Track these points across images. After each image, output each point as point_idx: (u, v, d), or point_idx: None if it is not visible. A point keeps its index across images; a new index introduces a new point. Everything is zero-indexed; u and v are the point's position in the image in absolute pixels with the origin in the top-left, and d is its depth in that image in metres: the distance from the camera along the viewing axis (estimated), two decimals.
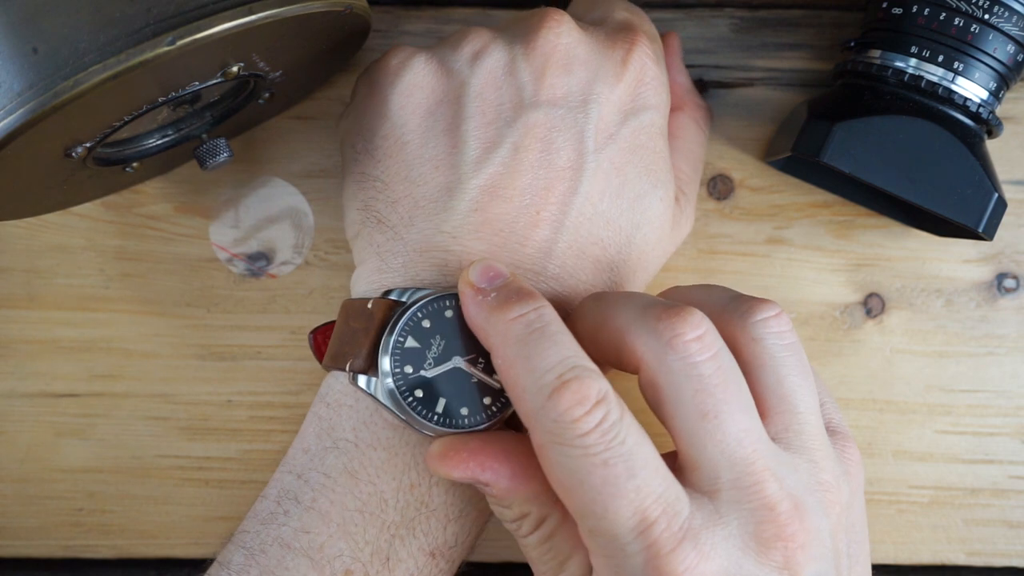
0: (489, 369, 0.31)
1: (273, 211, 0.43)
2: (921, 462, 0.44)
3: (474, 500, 0.34)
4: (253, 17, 0.29)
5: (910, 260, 0.43)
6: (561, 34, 0.35)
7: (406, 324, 0.31)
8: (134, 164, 0.38)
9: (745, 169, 0.43)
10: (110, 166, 0.37)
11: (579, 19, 0.38)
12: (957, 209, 0.36)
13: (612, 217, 0.35)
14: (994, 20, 0.36)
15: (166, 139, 0.38)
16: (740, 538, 0.28)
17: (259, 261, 0.43)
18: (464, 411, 0.31)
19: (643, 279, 0.38)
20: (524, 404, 0.29)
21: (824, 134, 0.36)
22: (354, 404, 0.34)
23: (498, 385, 0.31)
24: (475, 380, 0.31)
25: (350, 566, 0.32)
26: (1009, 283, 0.43)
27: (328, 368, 0.34)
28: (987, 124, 0.37)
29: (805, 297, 0.43)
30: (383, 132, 0.35)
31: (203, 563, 0.34)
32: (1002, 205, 0.37)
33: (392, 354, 0.31)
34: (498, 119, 0.34)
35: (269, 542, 0.32)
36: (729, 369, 0.30)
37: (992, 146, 0.39)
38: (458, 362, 0.31)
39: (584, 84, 0.35)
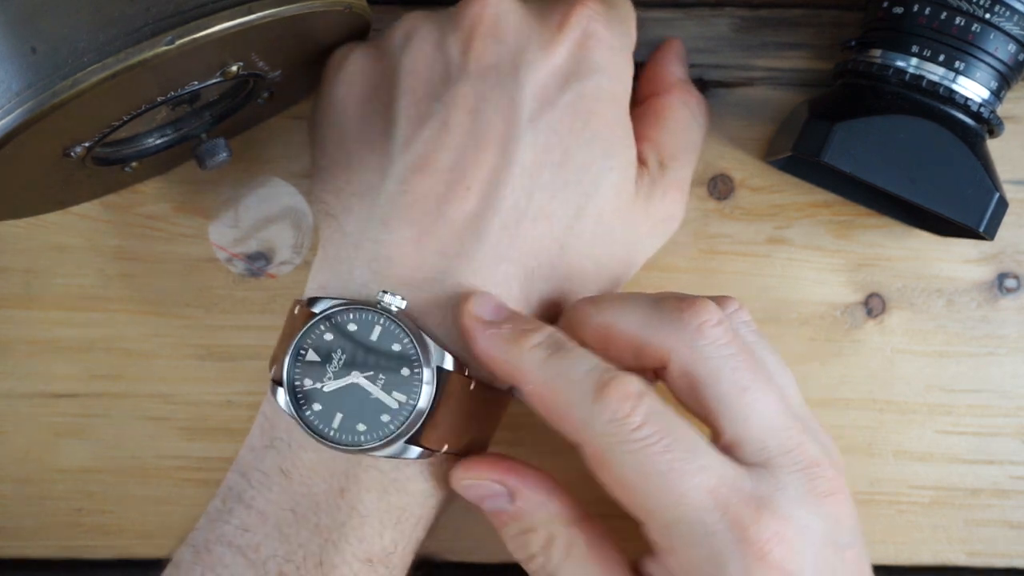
0: (388, 386, 0.31)
1: (272, 211, 0.43)
2: (921, 462, 0.44)
3: (410, 507, 0.33)
4: (252, 17, 0.29)
5: (911, 260, 0.43)
6: (488, 3, 0.34)
7: (308, 336, 0.31)
8: (133, 164, 0.38)
9: (745, 169, 0.43)
10: (109, 166, 0.37)
11: None
12: (958, 209, 0.36)
13: (555, 189, 0.34)
14: (995, 19, 0.36)
15: (165, 139, 0.38)
16: (801, 497, 0.30)
17: (258, 261, 0.43)
18: (361, 427, 0.31)
19: (613, 266, 0.36)
20: (572, 418, 0.30)
21: (824, 134, 0.36)
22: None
23: (396, 404, 0.31)
24: (373, 397, 0.31)
25: (283, 568, 0.31)
26: (1010, 283, 0.43)
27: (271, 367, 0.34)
28: (988, 124, 0.37)
29: (805, 297, 0.43)
30: (327, 121, 0.35)
31: None
32: (1003, 205, 0.37)
33: (292, 366, 0.31)
34: (428, 95, 0.33)
35: (213, 540, 0.32)
36: (745, 345, 0.32)
37: (993, 146, 0.38)
38: (357, 377, 0.31)
39: (515, 50, 0.34)
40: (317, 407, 0.31)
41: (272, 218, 0.43)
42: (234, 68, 0.33)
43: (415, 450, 0.31)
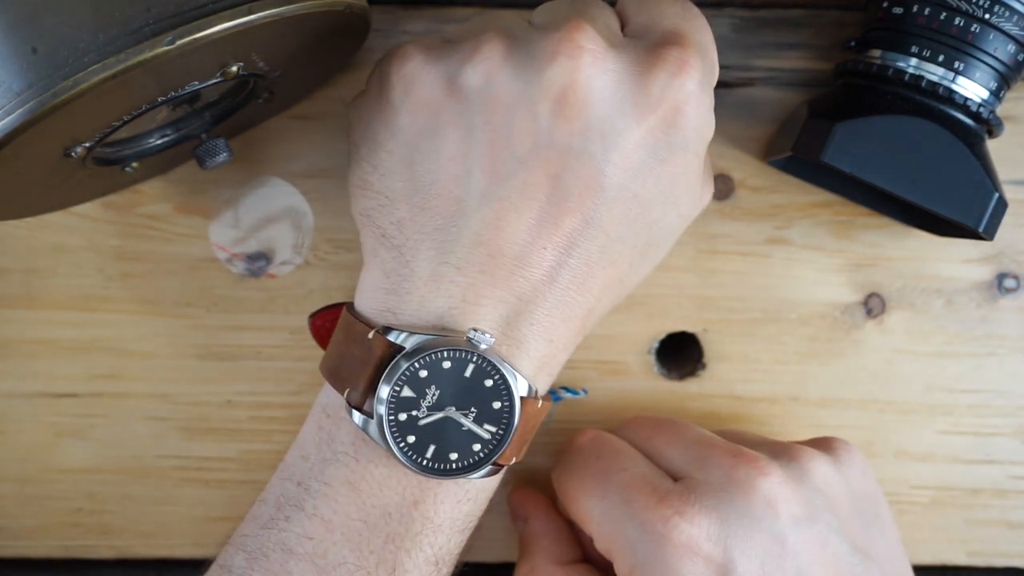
0: (479, 420, 0.32)
1: (273, 211, 0.43)
2: (922, 462, 0.44)
3: (476, 512, 0.34)
4: (252, 17, 0.29)
5: (910, 260, 0.43)
6: (581, 65, 0.32)
7: (403, 374, 0.31)
8: (133, 164, 0.38)
9: (745, 169, 0.43)
10: (109, 166, 0.37)
11: (626, 20, 0.35)
12: (957, 209, 0.36)
13: (627, 239, 0.34)
14: (994, 20, 0.36)
15: (165, 139, 0.38)
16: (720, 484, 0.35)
17: (259, 261, 0.43)
18: (453, 456, 0.32)
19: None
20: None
21: (824, 134, 0.36)
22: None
23: (488, 435, 0.32)
24: (466, 428, 0.32)
25: (354, 573, 0.32)
26: (1009, 283, 0.43)
27: (328, 381, 0.34)
28: (988, 124, 0.37)
29: (805, 297, 0.43)
30: (388, 147, 0.34)
31: (203, 563, 0.34)
32: (1003, 205, 0.37)
33: (388, 402, 0.31)
34: (507, 151, 0.33)
35: (271, 546, 0.32)
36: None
37: (993, 146, 0.38)
38: (451, 412, 0.32)
39: (606, 119, 0.32)
40: (411, 439, 0.32)
41: (272, 218, 0.43)
42: (234, 68, 0.33)
43: (492, 468, 0.33)
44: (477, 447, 0.32)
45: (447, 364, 0.32)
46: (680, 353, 0.44)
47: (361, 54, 0.42)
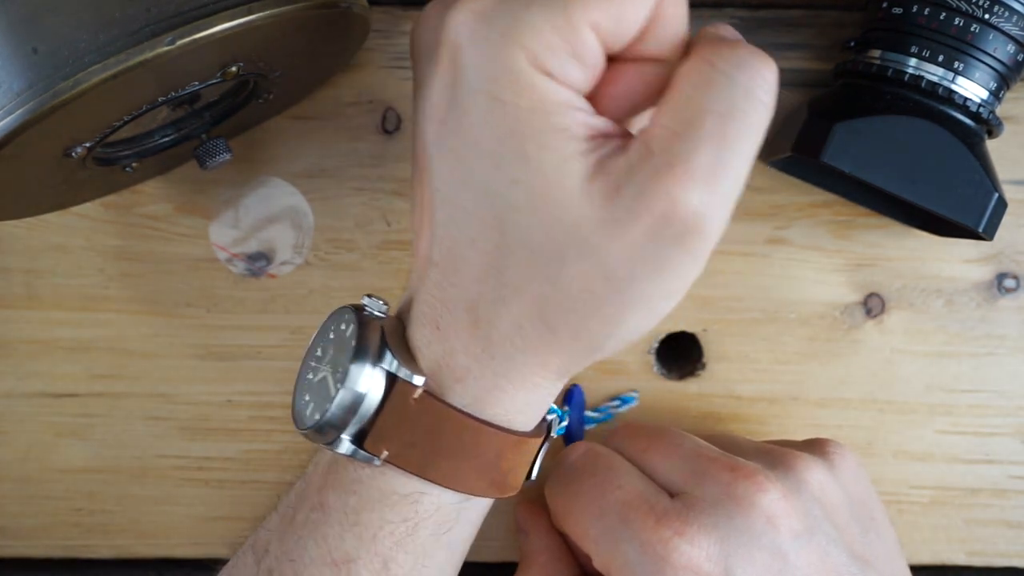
0: (340, 381, 0.32)
1: (273, 211, 0.43)
2: (921, 462, 0.44)
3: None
4: (252, 17, 0.29)
5: (910, 260, 0.43)
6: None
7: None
8: (134, 164, 0.38)
9: None
10: (110, 166, 0.37)
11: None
12: (957, 209, 0.36)
13: None
14: (994, 20, 0.36)
15: (166, 139, 0.38)
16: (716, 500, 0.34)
17: (259, 261, 0.43)
18: (308, 411, 0.33)
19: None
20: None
21: (824, 134, 0.36)
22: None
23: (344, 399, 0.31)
24: (328, 385, 0.32)
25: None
26: (1009, 283, 0.43)
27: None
28: (987, 124, 0.37)
29: (805, 297, 0.43)
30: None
31: (203, 563, 0.34)
32: (1002, 205, 0.37)
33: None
34: None
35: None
36: None
37: (992, 146, 0.38)
38: (324, 368, 0.33)
39: None
40: (307, 398, 0.32)
41: (272, 218, 0.43)
42: (234, 68, 0.33)
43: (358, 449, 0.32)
44: (330, 406, 0.31)
45: (336, 326, 0.32)
46: (680, 353, 0.44)
47: (361, 54, 0.42)
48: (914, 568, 0.38)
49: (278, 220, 0.43)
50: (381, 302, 0.32)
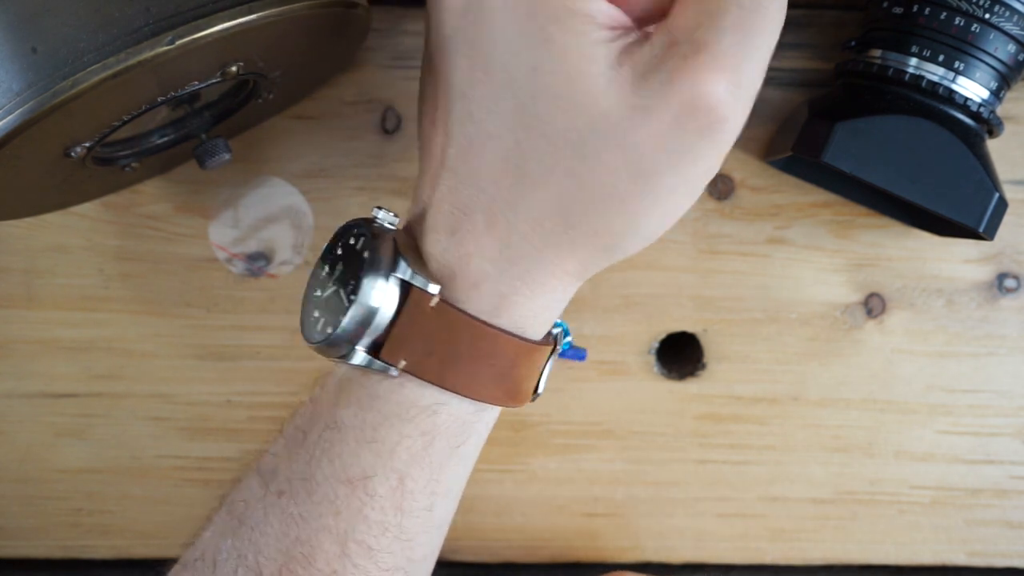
0: (352, 293, 0.31)
1: (272, 211, 0.43)
2: (922, 462, 0.44)
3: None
4: (252, 17, 0.29)
5: (910, 260, 0.43)
6: None
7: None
8: (133, 164, 0.38)
9: (745, 169, 0.43)
10: (109, 166, 0.37)
11: None
12: (958, 209, 0.36)
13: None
14: (995, 20, 0.36)
15: (165, 139, 0.38)
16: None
17: (259, 261, 0.43)
18: (319, 326, 0.32)
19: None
20: None
21: (825, 134, 0.36)
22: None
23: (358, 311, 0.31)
24: (340, 297, 0.32)
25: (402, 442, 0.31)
26: (1010, 283, 0.43)
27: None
28: (988, 124, 0.37)
29: (805, 297, 0.43)
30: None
31: None
32: (1003, 205, 0.37)
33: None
34: None
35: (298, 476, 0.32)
36: None
37: (993, 146, 0.38)
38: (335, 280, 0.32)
39: None
40: (316, 313, 0.32)
41: (272, 218, 0.43)
42: (234, 68, 0.33)
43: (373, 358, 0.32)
44: (344, 318, 0.31)
45: (345, 241, 0.32)
46: (680, 353, 0.44)
47: (361, 53, 0.42)
48: (914, 568, 0.38)
49: (278, 220, 0.43)
50: (392, 214, 0.32)
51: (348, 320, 0.30)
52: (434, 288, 0.30)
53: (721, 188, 0.43)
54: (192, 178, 0.43)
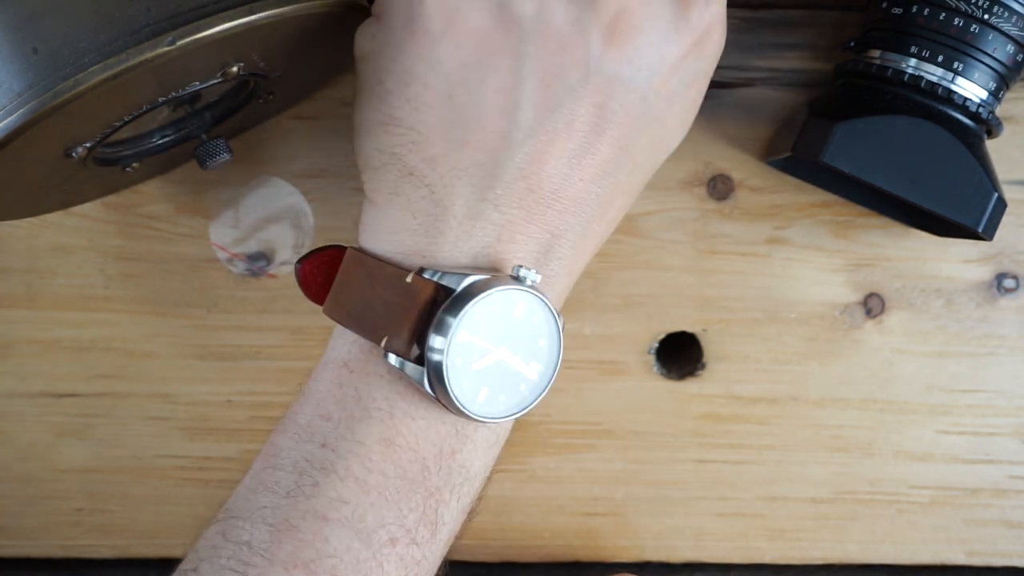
0: (528, 358, 0.31)
1: (273, 211, 0.43)
2: (921, 462, 0.44)
3: (498, 455, 0.34)
4: (253, 17, 0.29)
5: (910, 260, 0.43)
6: None
7: (464, 318, 0.30)
8: (134, 164, 0.38)
9: (745, 169, 0.43)
10: (110, 166, 0.37)
11: None
12: (957, 209, 0.36)
13: (645, 169, 0.35)
14: (994, 20, 0.36)
15: (166, 139, 0.38)
16: None
17: (259, 261, 0.43)
18: (502, 399, 0.31)
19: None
20: None
21: (824, 134, 0.36)
22: (385, 374, 0.32)
23: (535, 375, 0.32)
24: (514, 370, 0.31)
25: (395, 534, 0.31)
26: (1009, 283, 0.43)
27: (351, 329, 0.32)
28: (987, 124, 0.37)
29: (805, 297, 0.43)
30: (425, 80, 0.32)
31: None
32: (1002, 205, 0.37)
33: (449, 352, 0.30)
34: (558, 83, 0.32)
35: (299, 515, 0.31)
36: None
37: (992, 146, 0.39)
38: (504, 352, 0.31)
39: (654, 46, 0.32)
40: (465, 384, 0.31)
41: (272, 218, 0.43)
42: (235, 68, 0.33)
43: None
44: (524, 388, 0.31)
45: (499, 304, 0.31)
46: (680, 353, 0.44)
47: None
48: (914, 568, 0.38)
49: (278, 220, 0.43)
50: (532, 271, 0.32)
51: None
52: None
53: (721, 188, 0.43)
54: (193, 178, 0.43)
